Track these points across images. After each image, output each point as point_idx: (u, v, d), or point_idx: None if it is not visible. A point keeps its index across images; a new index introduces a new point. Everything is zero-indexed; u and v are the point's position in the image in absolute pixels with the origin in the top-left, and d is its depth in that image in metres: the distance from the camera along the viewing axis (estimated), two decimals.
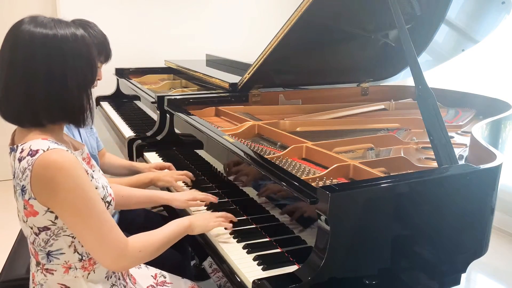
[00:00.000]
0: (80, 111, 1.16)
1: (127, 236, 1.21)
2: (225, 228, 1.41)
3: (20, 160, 1.10)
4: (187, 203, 1.56)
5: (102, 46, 1.73)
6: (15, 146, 1.14)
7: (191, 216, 1.40)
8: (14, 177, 1.14)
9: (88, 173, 1.16)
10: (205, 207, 1.59)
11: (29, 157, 1.08)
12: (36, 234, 1.15)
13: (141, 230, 1.27)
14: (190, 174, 1.79)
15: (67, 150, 1.11)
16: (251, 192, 1.53)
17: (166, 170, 1.92)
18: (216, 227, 1.39)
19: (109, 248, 1.14)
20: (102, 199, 1.19)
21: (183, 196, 1.57)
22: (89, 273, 1.21)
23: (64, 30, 1.12)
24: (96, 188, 1.17)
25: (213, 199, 1.57)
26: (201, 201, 1.58)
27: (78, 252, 1.18)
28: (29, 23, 1.11)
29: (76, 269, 1.19)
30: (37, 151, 1.08)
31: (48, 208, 1.11)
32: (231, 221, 1.43)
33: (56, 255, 1.17)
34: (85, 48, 1.16)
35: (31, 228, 1.15)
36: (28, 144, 1.11)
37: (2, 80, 1.12)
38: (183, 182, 1.80)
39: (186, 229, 1.34)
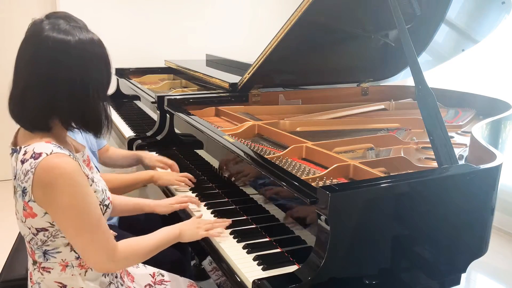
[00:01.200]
0: (99, 119, 1.17)
1: (127, 237, 1.21)
2: (219, 235, 1.39)
3: (23, 162, 1.10)
4: (171, 207, 1.58)
5: None
6: (18, 147, 1.14)
7: (181, 224, 1.39)
8: (15, 178, 1.14)
9: (88, 177, 1.16)
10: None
11: (32, 159, 1.08)
12: (34, 234, 1.16)
13: (141, 231, 1.27)
14: (190, 176, 1.79)
15: (69, 155, 1.12)
16: (251, 192, 1.53)
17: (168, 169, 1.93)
18: (205, 236, 1.38)
19: (98, 253, 1.15)
20: (101, 202, 1.19)
21: (166, 201, 1.60)
22: (86, 271, 1.21)
23: (83, 36, 1.13)
24: (95, 192, 1.17)
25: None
26: (186, 201, 1.60)
27: (74, 251, 1.18)
28: (52, 30, 1.10)
29: (73, 267, 1.19)
30: (40, 154, 1.08)
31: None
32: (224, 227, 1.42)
33: (53, 254, 1.17)
34: (102, 51, 1.17)
35: (29, 229, 1.15)
36: (32, 146, 1.11)
37: (21, 84, 1.12)
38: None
39: (176, 238, 1.35)
